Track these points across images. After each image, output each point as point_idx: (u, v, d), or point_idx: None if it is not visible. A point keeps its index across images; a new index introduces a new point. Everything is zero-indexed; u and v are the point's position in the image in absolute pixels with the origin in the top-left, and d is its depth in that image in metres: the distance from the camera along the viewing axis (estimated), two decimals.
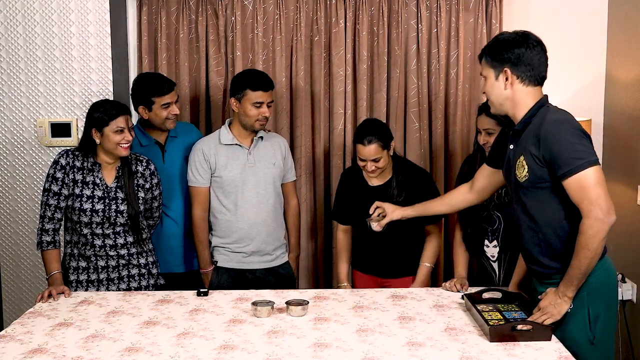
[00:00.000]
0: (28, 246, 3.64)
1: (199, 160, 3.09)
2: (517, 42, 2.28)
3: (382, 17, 3.63)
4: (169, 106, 3.09)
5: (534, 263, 2.37)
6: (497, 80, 2.32)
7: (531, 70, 2.28)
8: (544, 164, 2.21)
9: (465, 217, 2.90)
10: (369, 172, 2.99)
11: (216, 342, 2.26)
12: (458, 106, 3.68)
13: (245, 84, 3.03)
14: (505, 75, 2.29)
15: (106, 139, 2.77)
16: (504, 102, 2.33)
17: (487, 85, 2.37)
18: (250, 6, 3.63)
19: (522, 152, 2.28)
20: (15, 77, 3.55)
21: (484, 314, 2.39)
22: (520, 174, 2.28)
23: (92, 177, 2.82)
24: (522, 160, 2.28)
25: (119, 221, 2.84)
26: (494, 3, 3.61)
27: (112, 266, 2.87)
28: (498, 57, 2.30)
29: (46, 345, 2.24)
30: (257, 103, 3.01)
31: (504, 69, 2.29)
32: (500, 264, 2.82)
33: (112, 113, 2.76)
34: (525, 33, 2.31)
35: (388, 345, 2.21)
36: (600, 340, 2.27)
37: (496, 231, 2.79)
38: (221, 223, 3.13)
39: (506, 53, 2.28)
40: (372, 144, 2.92)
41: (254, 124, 3.05)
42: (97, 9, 3.51)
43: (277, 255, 3.21)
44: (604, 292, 2.28)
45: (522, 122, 2.31)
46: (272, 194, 3.15)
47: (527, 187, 2.28)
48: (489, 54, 2.33)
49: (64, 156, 2.83)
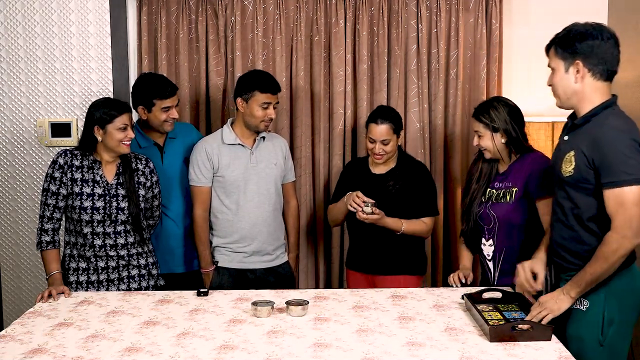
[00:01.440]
0: (28, 246, 3.64)
1: (201, 160, 3.09)
2: (590, 34, 2.20)
3: (382, 17, 3.63)
4: (168, 110, 3.09)
5: (557, 256, 2.37)
6: (567, 72, 2.24)
7: (604, 64, 2.20)
8: (592, 167, 2.18)
9: (465, 212, 2.93)
10: (376, 156, 3.04)
11: (216, 342, 2.26)
12: (458, 106, 3.68)
13: (254, 85, 3.04)
14: (576, 68, 2.22)
15: (109, 137, 2.78)
16: (571, 96, 2.26)
17: (555, 78, 2.28)
18: (250, 6, 3.63)
19: (574, 148, 2.24)
20: (15, 77, 3.55)
21: (484, 314, 2.39)
22: (566, 168, 2.25)
23: (92, 175, 2.83)
24: (571, 155, 2.24)
25: (119, 219, 2.84)
26: (494, 3, 3.62)
27: (112, 267, 2.87)
28: (570, 49, 2.21)
29: (46, 345, 2.24)
30: (264, 104, 3.03)
31: (575, 61, 2.21)
32: (495, 263, 2.83)
33: (117, 111, 2.77)
34: (600, 25, 2.23)
35: (388, 345, 2.21)
36: (610, 345, 2.25)
37: (492, 230, 2.80)
38: (222, 223, 3.13)
39: (579, 44, 2.20)
40: (384, 124, 3.00)
41: (259, 124, 3.07)
42: (97, 9, 3.51)
43: (277, 255, 3.22)
44: (623, 298, 2.26)
45: (584, 118, 2.24)
46: (273, 194, 3.16)
47: (569, 182, 2.25)
48: (560, 44, 2.24)
49: (62, 156, 2.83)
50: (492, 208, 2.79)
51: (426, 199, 3.11)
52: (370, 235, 3.09)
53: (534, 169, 2.70)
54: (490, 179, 2.85)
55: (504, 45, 3.69)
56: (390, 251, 3.10)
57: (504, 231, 2.76)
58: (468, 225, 2.90)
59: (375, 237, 3.08)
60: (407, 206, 3.07)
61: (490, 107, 2.77)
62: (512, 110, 2.77)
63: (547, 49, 2.32)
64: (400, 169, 3.11)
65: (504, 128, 2.73)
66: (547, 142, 3.46)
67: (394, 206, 3.04)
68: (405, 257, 3.12)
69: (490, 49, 3.65)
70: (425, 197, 3.11)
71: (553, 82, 2.30)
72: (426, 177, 3.15)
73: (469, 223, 2.89)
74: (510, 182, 2.76)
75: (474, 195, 2.86)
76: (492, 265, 2.84)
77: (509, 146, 2.76)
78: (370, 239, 3.10)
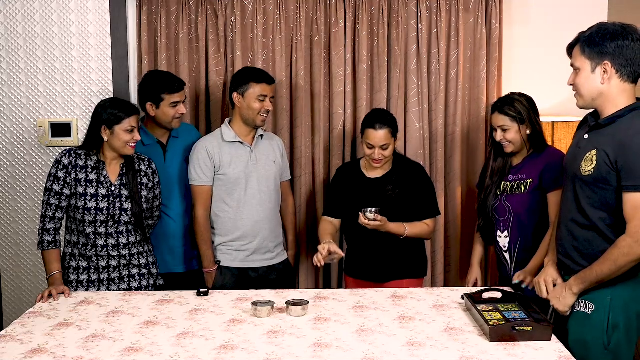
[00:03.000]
0: (28, 246, 3.64)
1: (202, 159, 3.09)
2: (620, 34, 2.14)
3: (382, 17, 3.63)
4: (177, 105, 3.10)
5: (565, 255, 2.35)
6: (594, 73, 2.18)
7: (631, 65, 2.15)
8: (614, 169, 2.14)
9: (480, 207, 2.98)
10: (374, 161, 3.01)
11: (216, 342, 2.26)
12: (458, 106, 3.68)
13: (249, 78, 3.08)
14: (604, 68, 2.17)
15: (116, 138, 2.78)
16: (597, 97, 2.21)
17: (580, 78, 2.22)
18: (250, 6, 3.63)
19: (596, 147, 2.20)
20: (15, 77, 3.55)
21: (484, 314, 2.39)
22: (586, 167, 2.22)
23: (96, 175, 2.82)
24: (593, 154, 2.20)
25: (122, 219, 2.84)
26: (494, 3, 3.61)
27: (113, 266, 2.87)
28: (598, 49, 2.16)
29: (46, 345, 2.24)
30: (261, 96, 3.05)
31: (603, 61, 2.16)
32: (512, 254, 2.85)
33: (125, 112, 2.78)
34: (630, 25, 2.18)
35: (388, 345, 2.21)
36: (613, 350, 2.24)
37: (507, 221, 2.83)
38: (224, 221, 3.13)
39: (609, 45, 2.14)
40: (383, 129, 2.97)
41: (256, 117, 3.08)
42: (97, 9, 3.51)
43: (278, 253, 3.24)
44: (628, 304, 2.24)
45: (609, 119, 2.20)
46: (273, 192, 3.18)
47: (587, 182, 2.22)
48: (587, 44, 2.18)
49: (67, 155, 2.82)
50: (507, 200, 2.84)
51: (426, 201, 3.09)
52: (368, 242, 3.05)
53: (550, 161, 2.76)
54: (504, 174, 2.90)
55: (504, 45, 3.69)
56: (389, 257, 3.06)
57: (519, 222, 2.81)
58: (484, 220, 2.95)
59: (373, 244, 3.04)
60: (408, 209, 3.05)
61: (514, 100, 2.83)
62: (531, 104, 2.85)
63: (570, 48, 2.26)
64: (397, 173, 3.06)
65: (529, 119, 2.79)
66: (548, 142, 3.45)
67: (395, 210, 3.00)
68: (406, 261, 3.09)
69: (490, 49, 3.65)
70: (425, 199, 3.09)
71: (577, 82, 2.24)
72: (424, 178, 3.13)
73: (485, 216, 2.94)
74: (524, 174, 2.82)
75: (489, 190, 2.92)
76: (509, 256, 2.87)
77: (530, 139, 2.82)
78: (368, 245, 3.06)
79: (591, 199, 2.23)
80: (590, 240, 2.25)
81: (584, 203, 2.25)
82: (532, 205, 2.78)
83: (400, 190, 3.03)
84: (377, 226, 2.92)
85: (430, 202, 3.11)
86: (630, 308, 2.25)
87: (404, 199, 3.03)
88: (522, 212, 2.80)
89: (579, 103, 2.28)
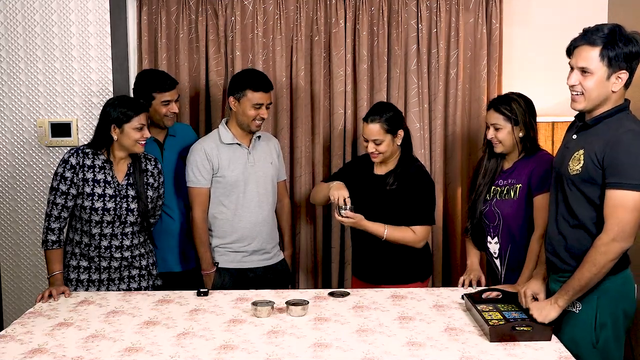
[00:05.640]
0: (28, 246, 3.64)
1: (200, 161, 3.08)
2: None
3: (382, 17, 3.63)
4: (168, 104, 3.10)
5: (553, 254, 2.37)
6: (608, 80, 2.18)
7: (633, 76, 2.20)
8: (600, 167, 2.17)
9: (470, 208, 2.92)
10: (371, 154, 2.98)
11: (216, 342, 2.26)
12: (458, 106, 3.68)
13: (246, 84, 3.03)
14: (619, 77, 2.18)
15: (126, 136, 2.77)
16: (604, 101, 2.23)
17: (593, 82, 2.19)
18: (250, 6, 3.63)
19: (584, 147, 2.23)
20: (15, 77, 3.55)
21: (484, 314, 2.39)
22: (574, 166, 2.24)
23: (104, 175, 2.82)
24: (580, 154, 2.23)
25: (129, 220, 2.84)
26: (494, 3, 3.61)
27: (114, 267, 2.87)
28: (623, 61, 2.15)
29: (46, 345, 2.24)
30: (256, 105, 3.03)
31: (622, 72, 2.17)
32: (502, 261, 2.82)
33: (134, 111, 2.77)
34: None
35: (388, 345, 2.21)
36: (602, 348, 2.26)
37: (497, 227, 2.80)
38: (222, 223, 3.13)
39: (636, 60, 2.16)
40: (374, 123, 2.92)
41: (250, 124, 3.06)
42: (97, 9, 3.51)
43: (275, 253, 3.24)
44: (615, 302, 2.26)
45: (596, 119, 2.23)
46: (270, 193, 3.18)
47: (574, 181, 2.24)
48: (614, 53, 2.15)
49: (74, 155, 2.80)
50: (497, 205, 2.79)
51: (419, 206, 2.97)
52: (372, 244, 2.99)
53: (538, 164, 2.71)
54: (495, 176, 2.85)
55: (504, 45, 3.69)
56: (394, 260, 2.99)
57: (509, 228, 2.76)
58: (472, 222, 2.90)
59: (377, 246, 2.98)
60: (401, 210, 2.97)
61: (511, 100, 2.77)
62: (529, 106, 2.79)
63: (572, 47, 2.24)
64: (398, 170, 3.01)
65: (524, 121, 2.74)
66: (547, 142, 3.46)
67: (393, 209, 2.95)
68: (410, 265, 3.02)
69: (490, 49, 3.65)
70: (419, 204, 2.96)
71: (586, 86, 2.20)
72: (423, 182, 3.00)
73: (474, 220, 2.88)
74: (514, 178, 2.77)
75: (479, 191, 2.86)
76: (499, 262, 2.84)
77: (523, 142, 2.76)
78: (372, 247, 3.00)
79: (579, 196, 2.25)
80: (579, 239, 2.27)
81: (572, 202, 2.27)
82: (521, 212, 2.72)
83: (397, 187, 2.96)
84: (351, 223, 2.91)
85: (423, 209, 2.97)
86: (617, 306, 2.26)
87: (398, 197, 2.96)
88: (512, 218, 2.74)
89: (580, 105, 2.26)
